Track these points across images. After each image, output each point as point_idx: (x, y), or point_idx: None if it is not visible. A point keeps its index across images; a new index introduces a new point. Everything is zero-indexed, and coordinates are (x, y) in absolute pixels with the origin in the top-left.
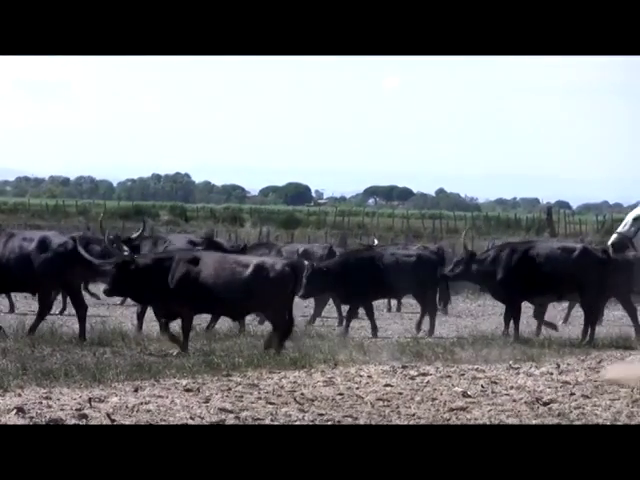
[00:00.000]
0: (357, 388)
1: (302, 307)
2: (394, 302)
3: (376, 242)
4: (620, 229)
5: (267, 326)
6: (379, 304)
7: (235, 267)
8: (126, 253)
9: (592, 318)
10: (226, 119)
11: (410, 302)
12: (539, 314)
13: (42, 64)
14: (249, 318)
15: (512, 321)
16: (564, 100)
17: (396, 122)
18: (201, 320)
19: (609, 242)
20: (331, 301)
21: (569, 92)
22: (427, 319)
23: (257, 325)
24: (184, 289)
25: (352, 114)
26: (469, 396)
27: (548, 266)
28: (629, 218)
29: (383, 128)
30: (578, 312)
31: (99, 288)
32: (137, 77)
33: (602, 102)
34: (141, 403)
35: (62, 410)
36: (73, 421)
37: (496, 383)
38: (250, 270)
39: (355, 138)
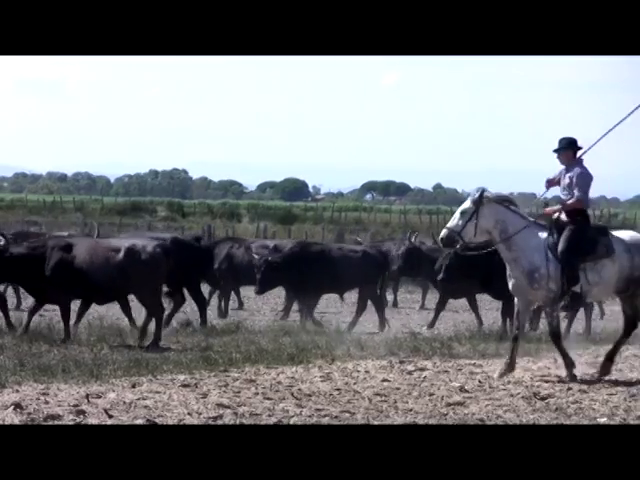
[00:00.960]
0: (354, 383)
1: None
2: (391, 297)
3: (359, 239)
4: (449, 224)
5: (264, 322)
6: None
7: (107, 251)
8: (1, 242)
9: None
10: (223, 115)
11: (406, 297)
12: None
13: (39, 62)
14: (244, 314)
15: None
16: (561, 95)
17: (393, 118)
18: (198, 315)
19: (439, 237)
20: (328, 295)
21: (567, 88)
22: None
23: (255, 321)
24: (58, 275)
25: (350, 110)
26: (466, 391)
27: None
28: (457, 212)
29: (380, 124)
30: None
31: None
32: (135, 74)
33: (600, 98)
34: (138, 399)
35: (60, 406)
36: (71, 417)
37: (493, 378)
38: (122, 254)
39: (352, 134)
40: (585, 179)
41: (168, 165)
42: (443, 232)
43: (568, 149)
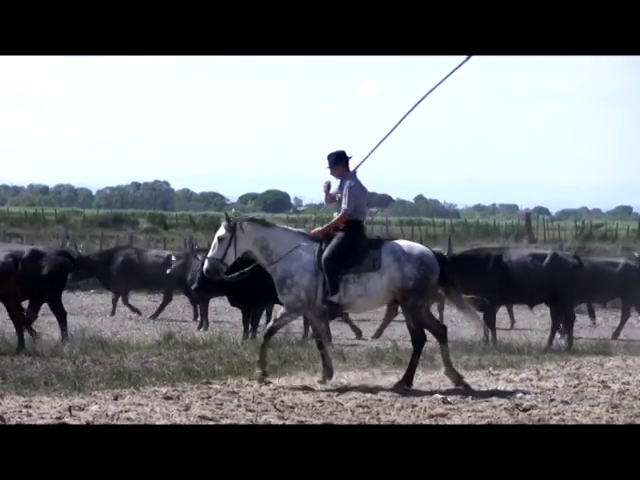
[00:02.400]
0: (337, 395)
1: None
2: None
3: None
4: (210, 254)
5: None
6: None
7: None
8: None
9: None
10: (205, 127)
11: None
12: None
13: (19, 73)
14: (227, 326)
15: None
16: (542, 107)
17: (373, 129)
18: (180, 327)
19: (204, 269)
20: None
21: (548, 99)
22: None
23: (237, 333)
24: None
25: (330, 122)
26: (449, 402)
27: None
28: (215, 240)
29: (361, 135)
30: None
31: None
32: (116, 86)
33: (581, 110)
34: (121, 411)
35: (42, 419)
36: None
37: (476, 390)
38: None
39: (333, 146)
40: (353, 191)
41: (150, 177)
42: (206, 263)
43: (338, 164)
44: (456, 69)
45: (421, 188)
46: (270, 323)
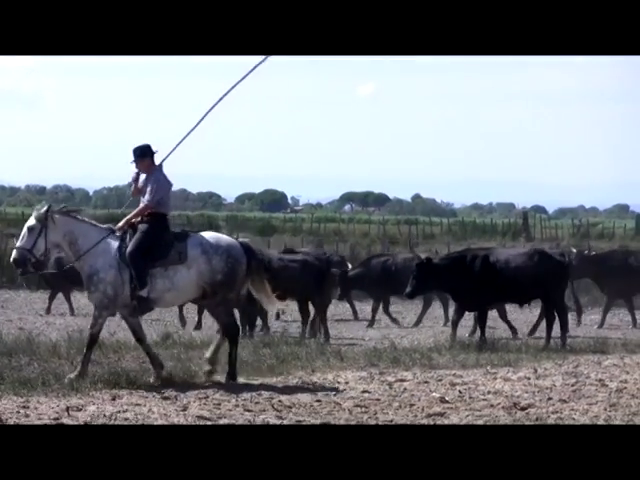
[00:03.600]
0: (335, 395)
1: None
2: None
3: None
4: (18, 243)
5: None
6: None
7: None
8: None
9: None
10: (201, 127)
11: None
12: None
13: (15, 73)
14: None
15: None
16: (539, 106)
17: (371, 128)
18: (178, 327)
19: (11, 260)
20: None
21: (543, 99)
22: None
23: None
24: None
25: (327, 121)
26: (447, 401)
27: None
28: (24, 229)
29: (358, 135)
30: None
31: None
32: (113, 85)
33: (576, 109)
34: (119, 411)
35: (40, 419)
36: None
37: (473, 388)
38: None
39: (331, 145)
40: (158, 185)
41: None
42: (14, 253)
43: (144, 158)
44: (256, 67)
45: (418, 187)
46: (90, 330)
